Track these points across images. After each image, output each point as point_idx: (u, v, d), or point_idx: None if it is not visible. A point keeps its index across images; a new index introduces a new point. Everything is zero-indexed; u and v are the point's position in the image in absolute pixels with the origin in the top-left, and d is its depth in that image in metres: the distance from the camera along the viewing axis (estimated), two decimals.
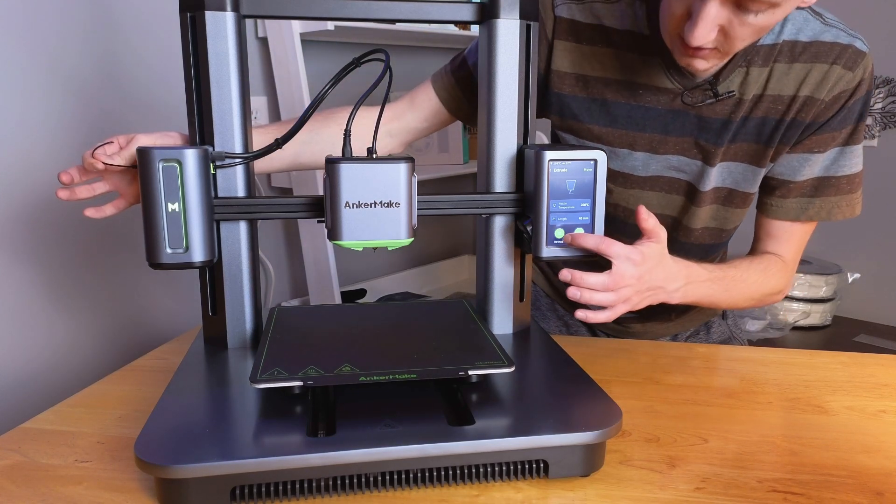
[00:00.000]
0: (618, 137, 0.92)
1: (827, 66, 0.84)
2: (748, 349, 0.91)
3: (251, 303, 0.73)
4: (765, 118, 0.87)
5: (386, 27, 1.86)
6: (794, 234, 0.94)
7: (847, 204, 0.91)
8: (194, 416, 0.59)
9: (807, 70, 0.84)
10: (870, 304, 2.16)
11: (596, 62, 0.89)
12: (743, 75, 0.85)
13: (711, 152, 0.90)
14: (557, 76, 0.91)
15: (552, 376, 0.68)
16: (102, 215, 0.79)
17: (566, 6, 0.89)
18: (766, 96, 0.86)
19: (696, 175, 0.92)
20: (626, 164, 0.93)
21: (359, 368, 0.59)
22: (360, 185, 0.63)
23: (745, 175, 0.92)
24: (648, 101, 0.88)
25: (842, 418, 0.70)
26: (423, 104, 0.97)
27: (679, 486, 0.57)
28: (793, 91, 0.86)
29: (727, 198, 0.95)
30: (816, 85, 0.85)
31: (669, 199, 0.95)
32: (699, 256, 1.02)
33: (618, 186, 0.95)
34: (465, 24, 1.85)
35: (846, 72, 0.84)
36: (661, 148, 0.91)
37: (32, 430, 0.66)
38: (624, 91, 0.89)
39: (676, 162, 0.92)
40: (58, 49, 1.30)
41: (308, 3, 0.69)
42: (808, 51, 0.84)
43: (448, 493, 0.56)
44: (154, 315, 1.55)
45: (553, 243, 0.69)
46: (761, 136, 0.89)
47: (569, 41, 0.89)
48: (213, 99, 0.68)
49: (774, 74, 0.85)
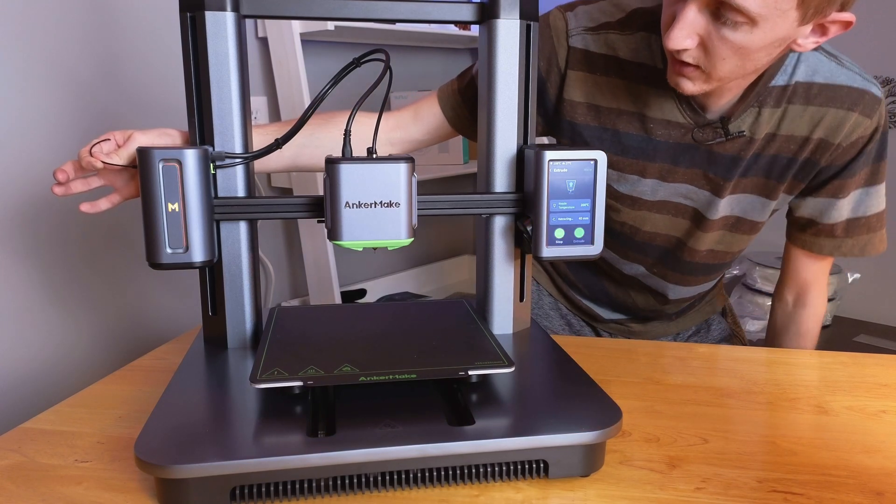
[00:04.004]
0: (628, 165, 0.92)
1: (843, 111, 0.84)
2: (748, 349, 0.91)
3: (251, 303, 0.73)
4: (777, 156, 0.88)
5: (386, 27, 1.86)
6: (827, 263, 0.99)
7: (879, 240, 0.93)
8: (194, 416, 0.59)
9: (822, 113, 0.84)
10: (870, 304, 2.16)
11: (609, 93, 0.89)
12: (755, 115, 0.85)
13: (721, 185, 0.90)
14: (569, 105, 0.91)
15: (552, 376, 0.68)
16: (97, 210, 0.79)
17: (580, 36, 0.88)
18: (780, 136, 0.86)
19: (704, 204, 0.93)
20: (635, 188, 0.93)
21: (359, 368, 0.59)
22: (360, 185, 0.63)
23: (753, 206, 0.93)
24: (660, 135, 0.88)
25: (842, 418, 0.70)
26: (427, 118, 0.96)
27: (679, 486, 0.57)
28: (806, 132, 0.85)
29: (735, 224, 0.96)
30: (832, 129, 0.85)
31: (676, 222, 0.96)
32: (703, 274, 1.03)
33: (625, 207, 0.96)
34: (465, 24, 1.85)
35: (864, 118, 0.85)
36: (670, 176, 0.92)
37: (32, 430, 0.66)
38: (635, 122, 0.89)
39: (685, 190, 0.92)
40: (57, 48, 1.30)
41: (308, 3, 0.69)
42: (823, 94, 0.84)
43: (448, 493, 0.56)
44: (154, 315, 1.55)
45: (553, 243, 0.69)
46: (772, 173, 0.89)
47: (582, 71, 0.89)
48: (213, 99, 0.68)
49: (788, 115, 0.85)
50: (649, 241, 0.98)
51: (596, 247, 0.69)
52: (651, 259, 1.01)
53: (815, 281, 0.99)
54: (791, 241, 0.98)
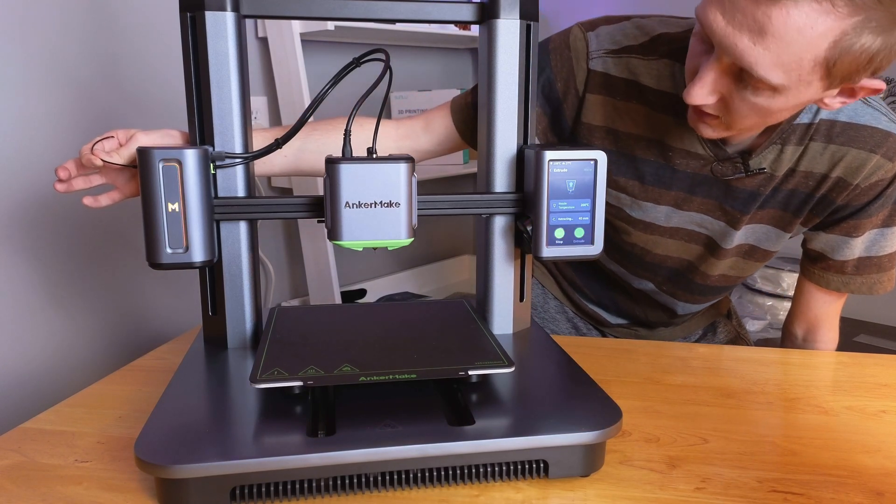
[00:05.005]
0: (643, 191, 0.90)
1: (865, 153, 0.82)
2: (748, 349, 0.91)
3: (251, 303, 0.73)
4: (794, 190, 0.86)
5: (386, 27, 1.86)
6: (838, 303, 0.97)
7: (888, 280, 0.92)
8: (194, 416, 0.59)
9: (843, 153, 0.82)
10: (870, 304, 2.16)
11: (628, 118, 0.87)
12: (777, 153, 0.83)
13: (737, 218, 0.89)
14: (587, 128, 0.89)
15: (552, 376, 0.68)
16: (98, 205, 0.78)
17: (601, 59, 0.86)
18: (799, 171, 0.85)
19: (718, 233, 0.92)
20: (648, 214, 0.92)
21: (359, 368, 0.59)
22: (360, 185, 0.63)
23: (768, 236, 0.92)
24: (678, 164, 0.87)
25: (842, 418, 0.70)
26: (438, 129, 0.95)
27: (679, 486, 0.57)
28: (825, 170, 0.84)
29: (748, 252, 0.95)
30: (851, 169, 0.83)
31: (689, 248, 0.95)
32: (712, 294, 1.03)
33: (637, 231, 0.94)
34: (465, 24, 1.85)
35: (886, 161, 0.82)
36: (685, 205, 0.90)
37: (32, 430, 0.66)
38: (654, 150, 0.87)
39: (699, 219, 0.91)
40: (58, 48, 1.30)
41: (308, 3, 0.69)
42: (846, 133, 0.82)
43: (448, 493, 0.56)
44: (154, 315, 1.55)
45: (553, 243, 0.69)
46: (789, 207, 0.88)
47: (601, 95, 0.87)
48: (213, 99, 0.68)
49: (809, 152, 0.83)
50: (660, 262, 0.97)
51: (596, 247, 0.69)
52: (661, 278, 1.00)
53: (826, 319, 0.97)
54: (803, 273, 0.97)
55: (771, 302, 1.98)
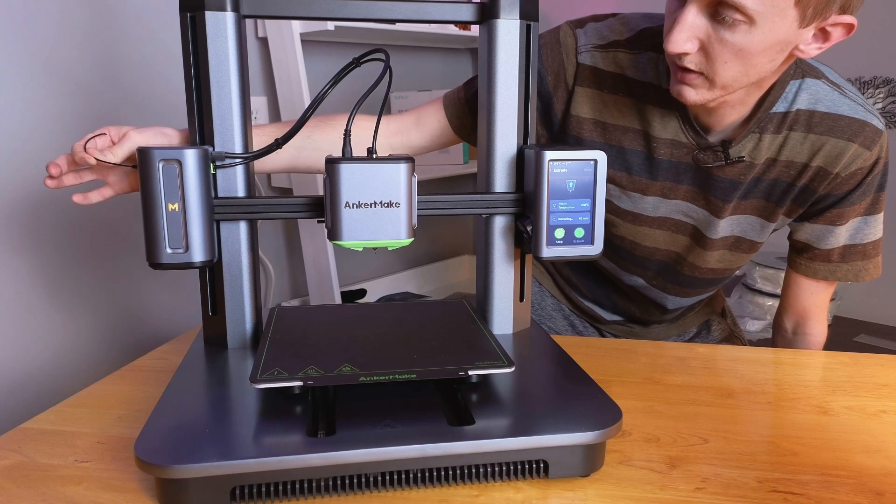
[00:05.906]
0: (631, 182, 0.92)
1: (843, 142, 0.84)
2: (748, 349, 0.91)
3: (251, 303, 0.73)
4: (776, 180, 0.88)
5: (386, 27, 1.86)
6: (826, 294, 0.98)
7: (874, 267, 0.93)
8: (194, 416, 0.59)
9: (822, 142, 0.84)
10: (870, 304, 2.16)
11: (616, 111, 0.89)
12: (755, 141, 0.85)
13: (719, 207, 0.91)
14: (576, 121, 0.91)
15: (552, 376, 0.68)
16: (88, 202, 0.79)
17: (590, 53, 0.89)
18: (780, 161, 0.87)
19: (703, 222, 0.93)
20: (636, 205, 0.94)
21: (359, 368, 0.59)
22: (360, 185, 0.63)
23: (753, 226, 0.94)
24: (663, 154, 0.89)
25: (842, 418, 0.70)
26: (430, 124, 0.96)
27: (679, 486, 0.57)
28: (805, 160, 0.86)
29: (734, 244, 0.96)
30: (831, 158, 0.85)
31: (676, 239, 0.97)
32: (702, 287, 1.04)
33: (626, 223, 0.96)
34: (465, 24, 1.85)
35: (864, 150, 0.85)
36: (671, 194, 0.92)
37: (32, 430, 0.66)
38: (640, 141, 0.90)
39: (685, 208, 0.93)
40: (57, 47, 1.30)
41: (308, 3, 0.69)
42: (824, 123, 0.84)
43: (448, 493, 0.56)
44: (154, 315, 1.55)
45: (553, 243, 0.69)
46: (771, 196, 0.90)
47: (590, 88, 0.90)
48: (213, 99, 0.68)
49: (789, 142, 0.85)
50: (649, 256, 0.99)
51: (596, 247, 0.69)
52: (651, 273, 1.02)
53: (815, 310, 0.99)
54: (790, 265, 0.99)
55: (771, 302, 1.98)
